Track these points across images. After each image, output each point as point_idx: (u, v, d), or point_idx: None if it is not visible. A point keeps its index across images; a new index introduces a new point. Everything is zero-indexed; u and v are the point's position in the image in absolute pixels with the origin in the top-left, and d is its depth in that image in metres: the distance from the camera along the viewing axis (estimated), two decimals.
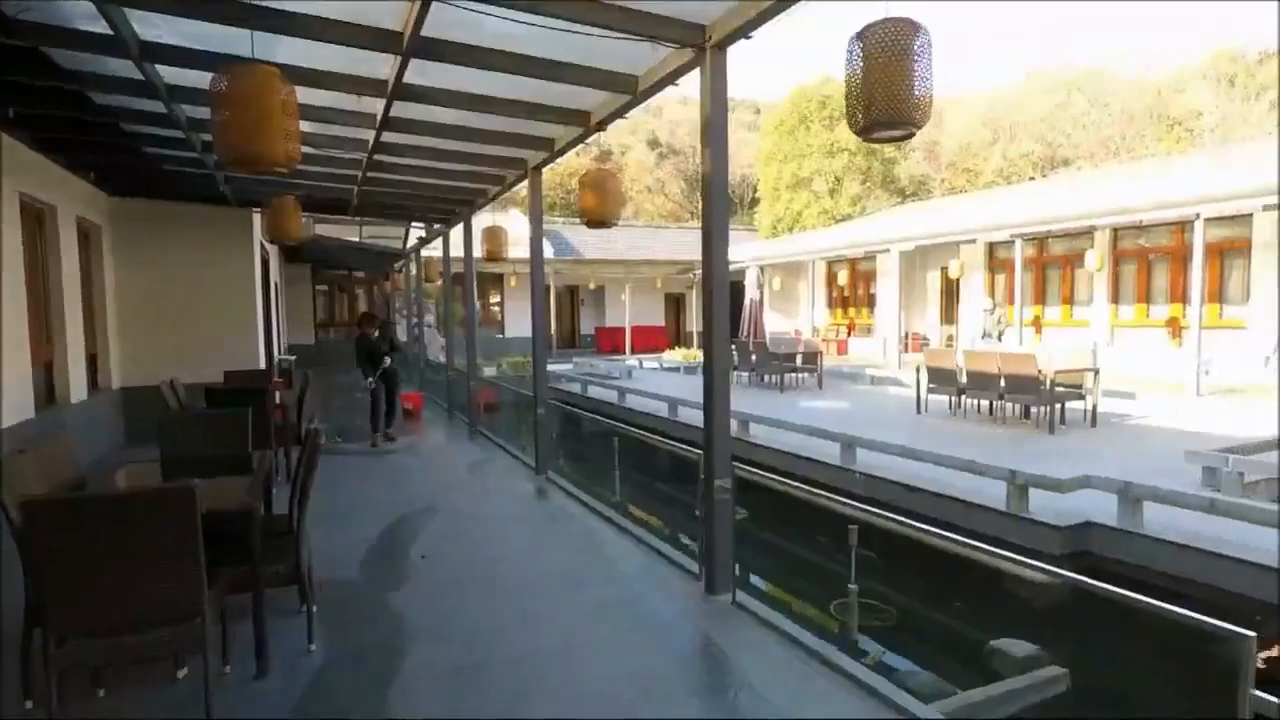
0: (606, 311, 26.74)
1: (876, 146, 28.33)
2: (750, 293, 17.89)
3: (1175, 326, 13.90)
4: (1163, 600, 2.14)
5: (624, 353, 22.68)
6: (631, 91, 4.62)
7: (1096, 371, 9.22)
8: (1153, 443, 7.74)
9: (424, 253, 13.73)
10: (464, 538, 5.21)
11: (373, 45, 3.91)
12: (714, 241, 3.79)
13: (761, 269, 19.75)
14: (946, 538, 3.25)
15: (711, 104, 3.72)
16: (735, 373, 14.98)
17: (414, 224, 12.78)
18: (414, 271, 15.04)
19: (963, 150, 40.10)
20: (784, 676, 3.09)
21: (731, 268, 16.93)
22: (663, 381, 14.91)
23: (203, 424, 4.38)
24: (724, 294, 3.86)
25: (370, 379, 8.27)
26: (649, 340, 24.64)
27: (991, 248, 17.22)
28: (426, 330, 17.18)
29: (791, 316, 23.87)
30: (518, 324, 24.27)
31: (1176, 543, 4.74)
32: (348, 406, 8.40)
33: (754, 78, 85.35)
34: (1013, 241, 14.51)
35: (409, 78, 4.45)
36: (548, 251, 22.78)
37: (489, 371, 17.51)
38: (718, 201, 3.79)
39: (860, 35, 2.48)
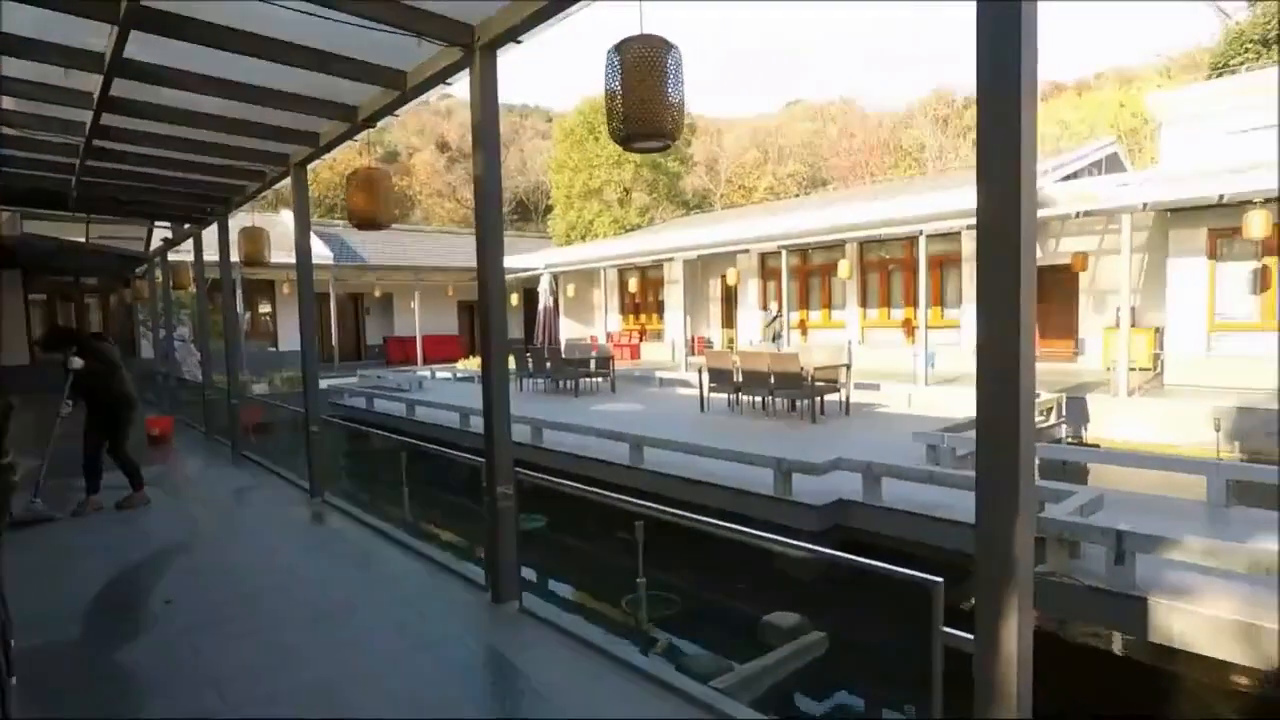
0: (395, 320, 25.41)
1: (661, 159, 29.84)
2: (544, 300, 17.95)
3: (909, 326, 16.16)
4: (898, 560, 2.46)
5: (416, 363, 21.67)
6: (400, 88, 4.42)
7: (849, 367, 10.45)
8: (892, 426, 8.92)
9: (172, 256, 12.07)
10: (220, 575, 4.63)
11: (72, 9, 3.35)
12: (488, 247, 3.73)
13: (555, 276, 19.92)
14: (721, 526, 3.48)
15: (482, 107, 3.66)
16: (531, 379, 14.95)
17: (158, 223, 11.20)
18: (160, 278, 13.17)
19: (738, 168, 43.59)
20: (569, 676, 3.11)
21: (526, 275, 16.86)
22: (456, 391, 14.45)
23: None
24: (500, 301, 3.81)
25: (68, 401, 6.05)
26: (443, 349, 23.78)
27: (764, 258, 18.86)
28: (179, 345, 15.15)
29: (587, 323, 24.33)
30: (293, 335, 22.22)
31: (907, 511, 5.49)
32: (73, 436, 7.05)
33: (548, 85, 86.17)
34: (779, 252, 16.00)
35: (133, 53, 3.88)
36: (327, 256, 21.13)
37: (259, 389, 15.85)
38: (491, 207, 3.74)
39: (618, 48, 2.58)
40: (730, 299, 20.36)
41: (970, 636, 1.89)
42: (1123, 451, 8.88)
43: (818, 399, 9.65)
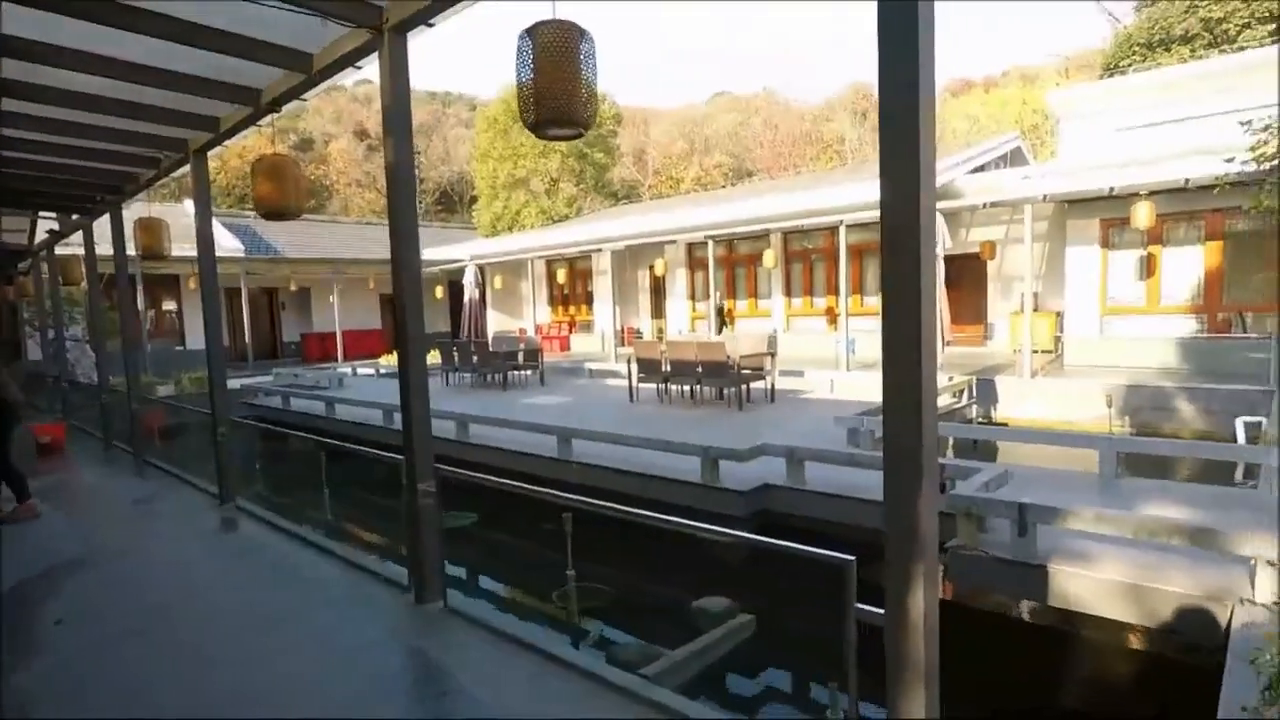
0: (314, 316, 24.45)
1: (587, 150, 29.66)
2: (469, 292, 17.61)
3: (832, 314, 16.64)
4: (823, 540, 2.51)
5: (336, 360, 20.93)
6: (306, 71, 4.22)
7: (774, 355, 10.67)
8: (815, 412, 9.17)
9: (61, 250, 11.22)
10: (122, 589, 4.36)
11: None
12: (403, 237, 3.63)
13: (481, 268, 19.56)
14: (647, 515, 3.48)
15: (392, 91, 3.55)
16: (458, 374, 14.66)
17: (43, 214, 10.38)
18: (47, 273, 12.23)
19: (666, 159, 43.81)
20: (496, 673, 3.07)
21: (451, 267, 16.51)
22: (379, 388, 14.02)
23: None
24: (417, 292, 3.72)
25: None
26: (365, 345, 23.06)
27: (691, 248, 19.03)
28: (71, 345, 14.14)
29: (515, 315, 24.03)
30: (201, 333, 21.09)
31: (829, 493, 5.66)
32: None
33: (471, 72, 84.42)
34: (706, 243, 16.17)
35: (8, 29, 3.58)
36: (238, 249, 20.13)
37: (165, 390, 14.98)
38: (405, 194, 3.64)
39: (529, 32, 2.52)
40: (659, 289, 20.48)
41: (881, 611, 1.96)
42: (1027, 429, 9.41)
43: (744, 387, 9.82)
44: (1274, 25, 17.32)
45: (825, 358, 14.34)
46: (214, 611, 3.92)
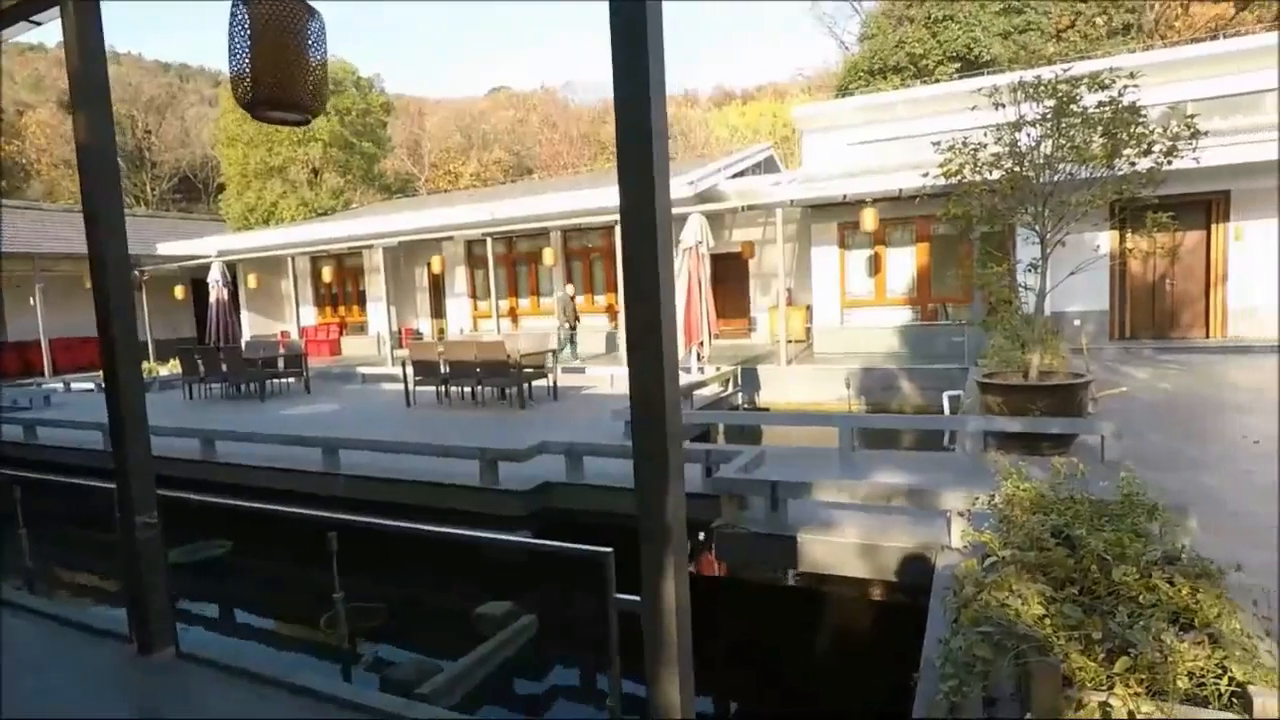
0: (9, 322, 20.22)
1: (354, 139, 27.73)
2: (216, 292, 15.66)
3: (612, 310, 17.16)
4: (603, 532, 2.52)
5: (43, 374, 17.52)
6: None
7: (555, 352, 10.75)
8: (597, 407, 9.38)
9: None
10: None
11: None
12: (104, 228, 3.08)
13: (230, 264, 17.45)
14: (406, 527, 3.32)
15: (80, 55, 2.98)
16: (205, 384, 12.95)
17: None
18: None
19: (443, 153, 42.31)
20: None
21: (195, 263, 14.60)
22: (100, 405, 11.93)
23: None
24: (124, 291, 3.19)
25: None
26: (83, 355, 19.44)
27: (470, 245, 18.54)
28: None
29: (276, 317, 21.80)
30: None
31: (607, 486, 5.79)
32: None
33: (212, 43, 74.82)
34: (485, 240, 15.85)
35: None
36: None
37: None
38: (104, 179, 3.09)
39: (245, 1, 2.25)
40: (439, 288, 19.72)
41: (638, 598, 2.02)
42: (784, 413, 10.44)
43: (526, 385, 9.77)
44: (960, 63, 20.87)
45: (606, 353, 14.75)
46: None
